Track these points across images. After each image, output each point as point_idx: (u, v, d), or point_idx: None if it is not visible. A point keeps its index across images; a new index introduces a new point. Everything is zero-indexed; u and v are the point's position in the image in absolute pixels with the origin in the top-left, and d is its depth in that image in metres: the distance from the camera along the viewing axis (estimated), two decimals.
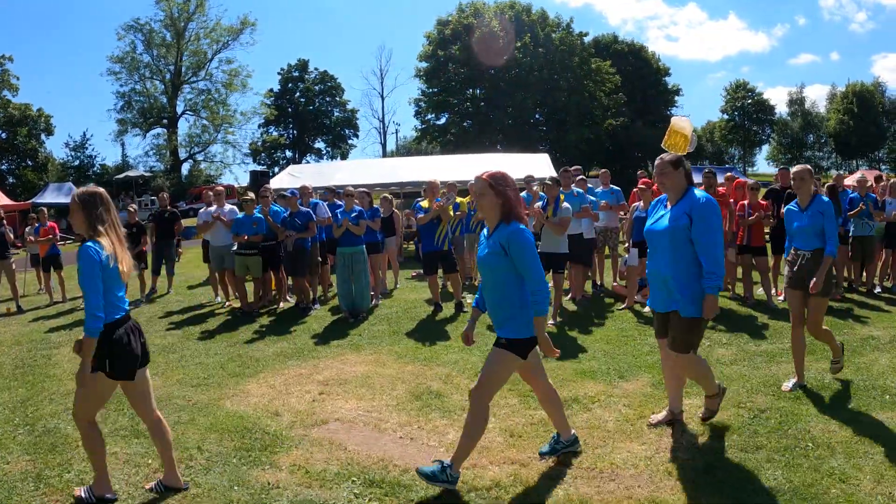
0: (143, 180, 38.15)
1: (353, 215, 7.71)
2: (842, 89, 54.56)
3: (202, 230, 9.19)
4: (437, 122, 50.14)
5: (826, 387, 4.61)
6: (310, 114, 56.57)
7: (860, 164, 53.42)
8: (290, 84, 56.79)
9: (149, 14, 51.65)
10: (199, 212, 9.45)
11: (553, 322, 6.85)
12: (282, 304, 8.58)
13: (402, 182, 15.41)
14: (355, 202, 8.00)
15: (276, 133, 56.88)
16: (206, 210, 9.10)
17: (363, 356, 5.96)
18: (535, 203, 7.23)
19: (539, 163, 16.19)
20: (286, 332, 7.06)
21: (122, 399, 4.90)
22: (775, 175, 10.17)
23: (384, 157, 47.31)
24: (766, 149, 61.88)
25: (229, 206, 9.06)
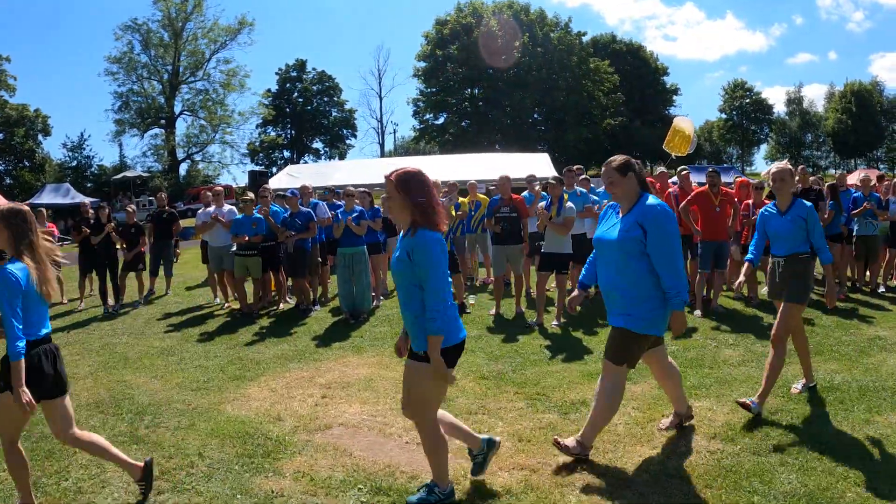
0: (140, 181, 38.04)
1: (354, 215, 7.63)
2: (840, 89, 54.72)
3: (201, 231, 9.10)
4: (436, 122, 50.20)
5: (836, 388, 4.54)
6: (308, 114, 56.50)
7: (859, 163, 53.55)
8: (288, 84, 56.74)
9: (146, 14, 51.41)
10: (198, 212, 9.37)
11: (557, 323, 6.78)
12: (281, 305, 8.50)
13: None
14: (356, 202, 7.92)
15: (273, 133, 56.84)
16: (205, 210, 9.02)
17: (365, 358, 5.87)
18: (539, 203, 7.17)
19: (539, 162, 16.14)
20: (287, 334, 6.98)
21: (122, 404, 4.83)
22: None
23: (382, 157, 47.22)
24: (764, 148, 62.17)
25: (228, 207, 8.98)
